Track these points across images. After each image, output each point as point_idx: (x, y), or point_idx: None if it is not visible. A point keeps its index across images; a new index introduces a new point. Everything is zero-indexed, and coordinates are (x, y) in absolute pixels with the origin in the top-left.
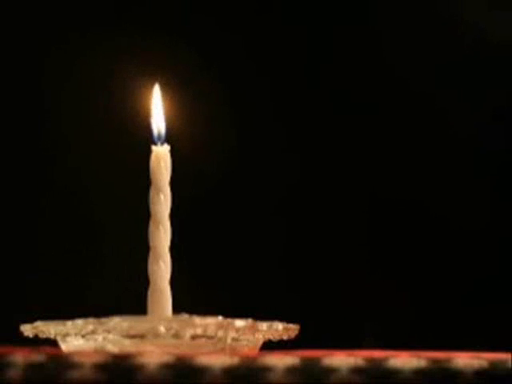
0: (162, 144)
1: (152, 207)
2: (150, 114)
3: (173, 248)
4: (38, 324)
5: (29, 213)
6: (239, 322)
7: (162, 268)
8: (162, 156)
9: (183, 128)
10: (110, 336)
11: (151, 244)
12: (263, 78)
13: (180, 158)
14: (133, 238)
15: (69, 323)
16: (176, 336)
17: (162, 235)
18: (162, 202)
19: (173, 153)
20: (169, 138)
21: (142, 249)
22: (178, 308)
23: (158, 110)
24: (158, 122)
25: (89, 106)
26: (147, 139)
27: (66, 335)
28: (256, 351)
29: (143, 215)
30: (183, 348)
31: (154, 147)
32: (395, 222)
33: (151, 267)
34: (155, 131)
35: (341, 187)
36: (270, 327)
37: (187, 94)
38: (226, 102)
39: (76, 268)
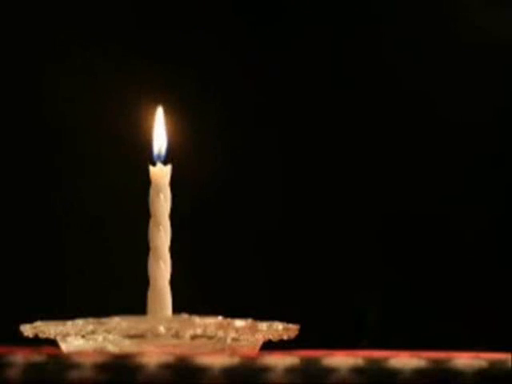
0: (164, 164)
1: (152, 207)
2: (152, 134)
3: (173, 248)
4: (38, 324)
5: (29, 213)
6: (239, 322)
7: (161, 268)
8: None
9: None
10: (110, 336)
11: (151, 244)
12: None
13: (180, 161)
14: (133, 238)
15: (69, 323)
16: (176, 336)
17: (162, 235)
18: (162, 202)
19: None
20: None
21: (142, 249)
22: (178, 308)
23: (160, 131)
24: (160, 143)
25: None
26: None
27: (66, 335)
28: (256, 351)
29: (143, 216)
30: (183, 348)
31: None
32: (394, 223)
33: (151, 267)
34: (156, 151)
35: (340, 189)
36: (269, 327)
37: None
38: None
39: (76, 268)
